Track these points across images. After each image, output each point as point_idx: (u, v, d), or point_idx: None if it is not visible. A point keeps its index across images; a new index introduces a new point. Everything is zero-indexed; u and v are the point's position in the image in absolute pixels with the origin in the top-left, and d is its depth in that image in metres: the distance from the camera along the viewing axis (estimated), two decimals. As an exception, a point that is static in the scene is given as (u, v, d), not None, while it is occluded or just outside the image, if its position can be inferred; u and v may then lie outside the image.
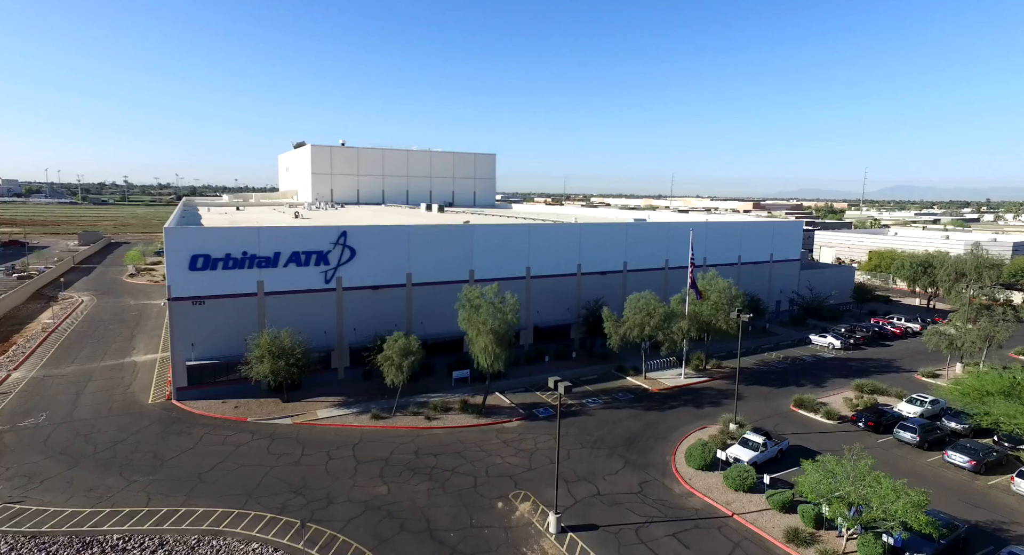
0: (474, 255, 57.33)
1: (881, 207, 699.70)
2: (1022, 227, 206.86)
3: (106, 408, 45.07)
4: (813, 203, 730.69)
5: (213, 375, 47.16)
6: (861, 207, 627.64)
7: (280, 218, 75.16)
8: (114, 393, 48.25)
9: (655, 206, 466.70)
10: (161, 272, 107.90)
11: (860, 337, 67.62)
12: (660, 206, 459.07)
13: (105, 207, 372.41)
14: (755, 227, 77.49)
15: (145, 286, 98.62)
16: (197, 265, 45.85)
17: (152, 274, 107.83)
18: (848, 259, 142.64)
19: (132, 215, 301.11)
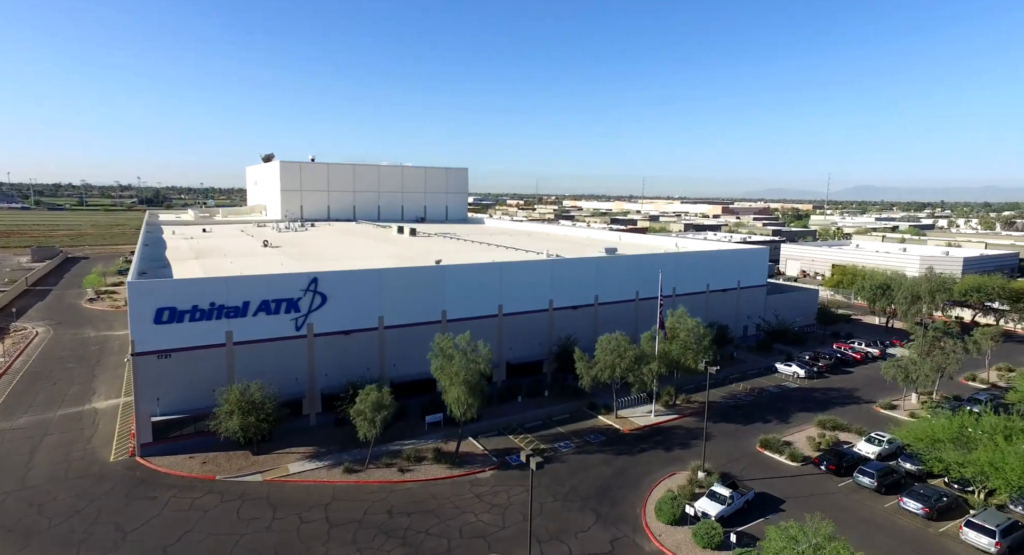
0: (446, 295, 57.35)
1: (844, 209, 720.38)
2: (971, 235, 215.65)
3: (63, 470, 43.46)
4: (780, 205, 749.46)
5: (180, 429, 46.22)
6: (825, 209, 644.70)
7: (249, 245, 73.13)
8: (72, 450, 46.67)
9: (627, 210, 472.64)
10: (123, 295, 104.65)
11: (823, 365, 69.77)
12: (632, 210, 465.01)
13: (61, 213, 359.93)
14: (723, 256, 79.20)
15: (106, 313, 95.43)
16: (163, 318, 44.85)
17: (114, 298, 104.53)
18: (813, 272, 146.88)
19: (91, 222, 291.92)
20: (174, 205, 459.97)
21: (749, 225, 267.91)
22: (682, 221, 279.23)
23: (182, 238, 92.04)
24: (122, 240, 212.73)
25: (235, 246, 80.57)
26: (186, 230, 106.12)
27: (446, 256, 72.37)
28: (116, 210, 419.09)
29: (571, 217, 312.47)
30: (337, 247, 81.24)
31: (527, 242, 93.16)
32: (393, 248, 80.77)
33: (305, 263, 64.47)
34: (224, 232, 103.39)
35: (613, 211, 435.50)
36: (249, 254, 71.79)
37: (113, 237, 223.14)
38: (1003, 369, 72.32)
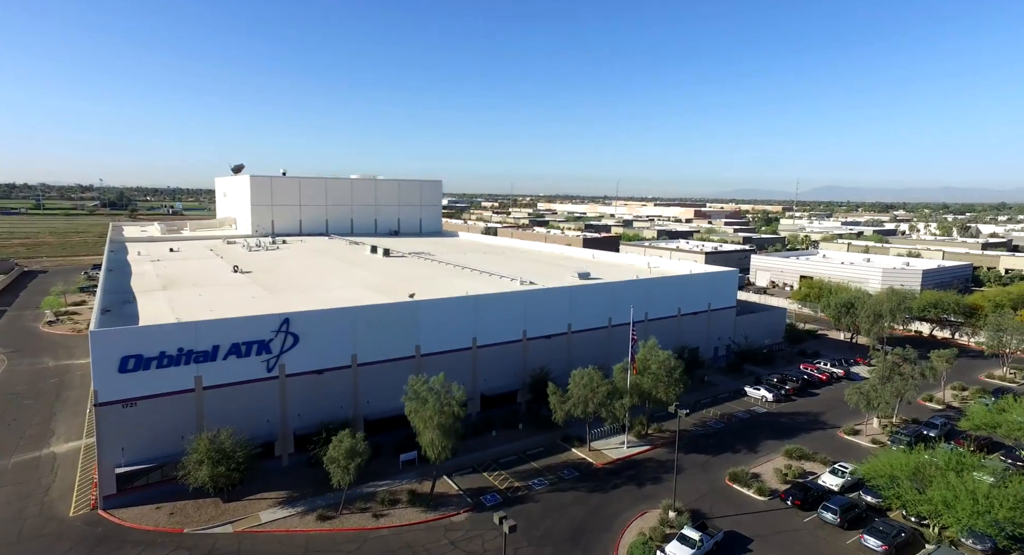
0: (420, 330, 57.23)
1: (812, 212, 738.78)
2: (930, 242, 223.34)
3: (17, 529, 41.51)
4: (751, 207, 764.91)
5: (146, 478, 45.22)
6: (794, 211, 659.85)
7: (218, 271, 70.81)
8: (28, 504, 44.74)
9: (601, 213, 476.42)
10: (86, 317, 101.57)
11: (790, 388, 71.60)
12: (606, 214, 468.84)
13: (17, 217, 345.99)
14: (693, 280, 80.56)
15: (67, 339, 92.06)
16: (128, 366, 43.81)
17: (75, 320, 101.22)
18: (782, 283, 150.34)
19: (49, 228, 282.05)
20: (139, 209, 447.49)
21: (721, 231, 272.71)
22: (655, 227, 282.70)
23: (148, 260, 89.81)
24: (84, 250, 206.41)
25: (204, 271, 78.96)
26: (153, 249, 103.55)
27: (420, 282, 72.30)
28: (77, 214, 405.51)
29: (545, 223, 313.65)
30: (309, 272, 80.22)
31: (500, 263, 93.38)
32: (366, 273, 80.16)
33: (276, 295, 63.64)
34: (192, 252, 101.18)
35: (587, 215, 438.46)
36: (218, 283, 70.46)
37: (74, 247, 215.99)
38: (957, 388, 75.24)
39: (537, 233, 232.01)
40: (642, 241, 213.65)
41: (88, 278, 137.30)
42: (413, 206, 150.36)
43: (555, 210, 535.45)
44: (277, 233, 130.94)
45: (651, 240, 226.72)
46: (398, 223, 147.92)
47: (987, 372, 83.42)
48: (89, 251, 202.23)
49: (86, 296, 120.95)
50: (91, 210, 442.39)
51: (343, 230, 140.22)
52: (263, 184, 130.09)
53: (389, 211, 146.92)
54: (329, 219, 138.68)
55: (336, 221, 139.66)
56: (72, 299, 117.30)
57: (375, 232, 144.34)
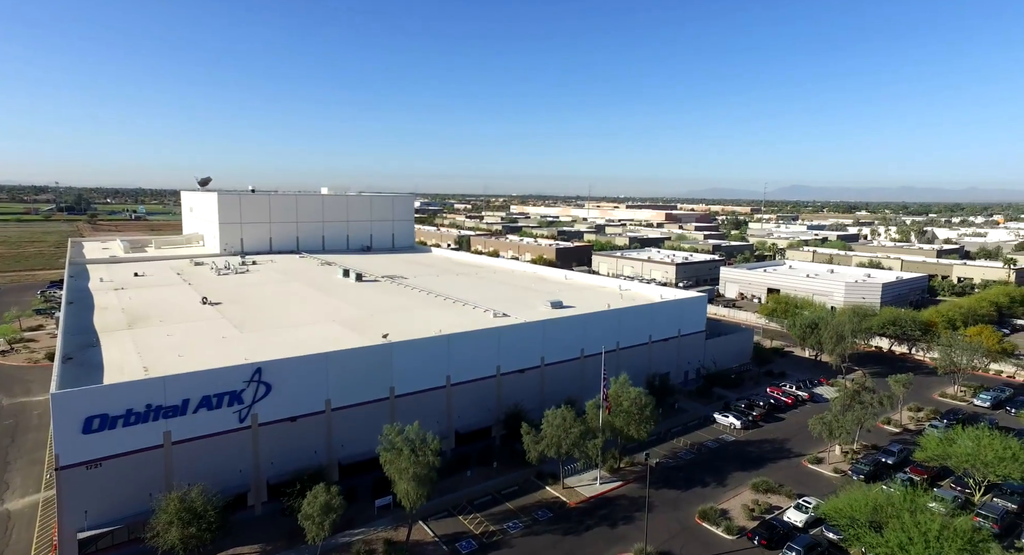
0: (394, 372, 57.24)
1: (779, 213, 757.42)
2: (890, 249, 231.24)
3: (-28, 598, 40.79)
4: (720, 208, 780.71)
5: (111, 539, 44.27)
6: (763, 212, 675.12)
7: (186, 302, 68.51)
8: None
9: (574, 217, 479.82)
10: (44, 346, 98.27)
11: (757, 415, 73.64)
12: (579, 217, 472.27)
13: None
14: (664, 307, 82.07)
15: (21, 370, 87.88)
16: (93, 427, 42.85)
17: (31, 349, 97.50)
18: (751, 295, 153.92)
19: (1, 237, 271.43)
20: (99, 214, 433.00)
21: (691, 239, 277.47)
22: (626, 234, 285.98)
23: (111, 288, 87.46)
24: (39, 263, 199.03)
25: (171, 303, 77.28)
26: (116, 273, 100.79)
27: (392, 314, 72.14)
28: (31, 219, 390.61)
29: (518, 229, 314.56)
30: (279, 303, 79.16)
31: (473, 287, 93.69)
32: (338, 302, 79.56)
33: (247, 334, 62.80)
34: (158, 276, 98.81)
35: (560, 219, 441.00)
36: (186, 318, 69.06)
37: (28, 260, 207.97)
38: (913, 409, 78.38)
39: (511, 242, 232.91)
40: (614, 250, 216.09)
41: (44, 300, 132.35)
42: (385, 221, 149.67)
43: (528, 213, 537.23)
44: (247, 251, 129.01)
45: (623, 249, 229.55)
46: (370, 238, 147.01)
47: (940, 390, 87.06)
48: (45, 265, 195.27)
49: (43, 319, 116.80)
50: (46, 215, 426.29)
51: (314, 246, 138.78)
52: (231, 202, 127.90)
53: (361, 226, 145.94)
54: (300, 236, 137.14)
55: (307, 237, 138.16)
56: (28, 323, 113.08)
57: (347, 248, 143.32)
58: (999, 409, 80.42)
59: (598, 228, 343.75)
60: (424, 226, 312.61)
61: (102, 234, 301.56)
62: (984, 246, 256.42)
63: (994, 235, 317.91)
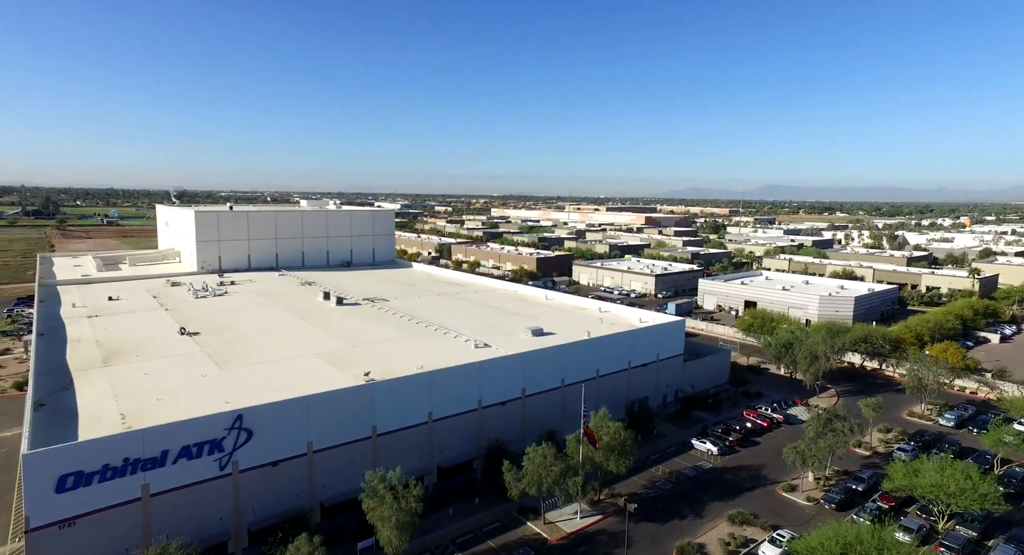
0: (376, 411, 57.46)
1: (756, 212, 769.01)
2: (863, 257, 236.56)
3: None
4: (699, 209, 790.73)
5: (91, 595, 43.83)
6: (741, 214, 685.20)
7: (163, 333, 67.80)
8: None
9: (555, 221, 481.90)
10: (12, 372, 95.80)
11: (733, 440, 75.31)
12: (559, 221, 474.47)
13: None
14: (643, 333, 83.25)
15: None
16: (67, 485, 42.30)
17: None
18: (728, 307, 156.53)
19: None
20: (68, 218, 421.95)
21: (670, 246, 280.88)
22: (606, 241, 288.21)
23: (85, 314, 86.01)
24: (5, 276, 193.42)
25: (147, 334, 76.21)
26: (89, 296, 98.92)
27: (373, 346, 72.19)
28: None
29: (499, 235, 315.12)
30: (259, 332, 78.56)
31: (453, 311, 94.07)
32: (318, 331, 79.31)
33: (227, 371, 62.49)
34: (133, 300, 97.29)
35: (540, 223, 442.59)
36: (164, 353, 68.23)
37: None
38: (883, 430, 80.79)
39: (491, 251, 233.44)
40: (594, 260, 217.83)
41: (11, 321, 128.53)
42: (366, 236, 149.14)
43: (509, 217, 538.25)
44: (225, 269, 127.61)
45: (603, 258, 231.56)
46: (351, 254, 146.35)
47: (908, 409, 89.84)
48: (11, 278, 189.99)
49: (11, 342, 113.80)
50: (12, 220, 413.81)
51: (294, 262, 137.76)
52: (209, 219, 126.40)
53: (341, 242, 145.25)
54: (279, 252, 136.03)
55: (287, 254, 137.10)
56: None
57: (327, 264, 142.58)
58: (962, 428, 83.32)
59: (578, 234, 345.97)
60: (404, 232, 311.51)
61: (72, 241, 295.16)
62: (951, 252, 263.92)
63: (960, 240, 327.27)
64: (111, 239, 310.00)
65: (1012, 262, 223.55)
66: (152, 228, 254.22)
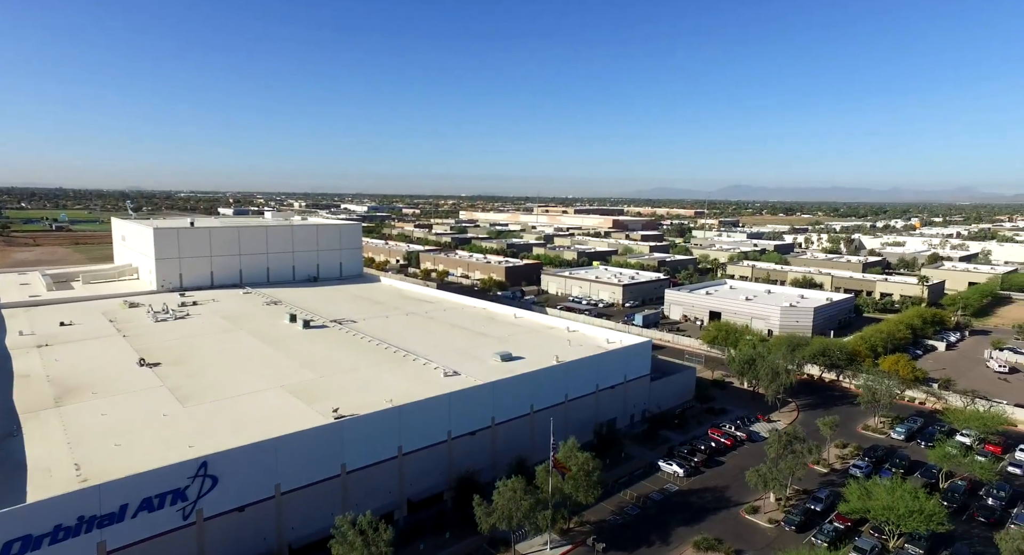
0: (345, 448, 57.03)
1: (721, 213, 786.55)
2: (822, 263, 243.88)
3: None
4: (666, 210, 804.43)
5: None
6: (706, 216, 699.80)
7: (121, 364, 65.42)
8: None
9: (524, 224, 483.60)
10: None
11: (699, 461, 77.18)
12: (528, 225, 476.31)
13: None
14: (610, 356, 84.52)
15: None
16: (13, 552, 40.62)
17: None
18: (694, 317, 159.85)
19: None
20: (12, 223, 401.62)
21: (637, 251, 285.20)
22: (574, 247, 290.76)
23: (34, 343, 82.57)
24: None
25: (103, 366, 73.67)
26: (38, 321, 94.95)
27: (341, 375, 71.55)
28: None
29: (468, 241, 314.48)
30: (223, 362, 76.96)
31: (422, 331, 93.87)
32: (285, 360, 78.07)
33: (190, 409, 61.08)
34: (88, 324, 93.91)
35: (509, 227, 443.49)
36: (122, 389, 66.11)
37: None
38: (839, 445, 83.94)
39: (460, 259, 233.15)
40: (562, 269, 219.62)
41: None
42: (333, 250, 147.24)
43: (477, 220, 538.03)
44: (186, 287, 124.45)
45: (572, 266, 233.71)
46: (317, 269, 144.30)
47: (863, 423, 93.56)
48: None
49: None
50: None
51: (259, 278, 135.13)
52: (168, 236, 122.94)
53: (307, 256, 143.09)
54: (243, 269, 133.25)
55: (251, 270, 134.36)
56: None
57: (293, 279, 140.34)
58: (912, 441, 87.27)
59: (547, 238, 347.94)
60: (372, 239, 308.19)
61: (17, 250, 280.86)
62: (903, 257, 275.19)
63: (911, 244, 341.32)
64: (61, 247, 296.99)
65: (956, 268, 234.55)
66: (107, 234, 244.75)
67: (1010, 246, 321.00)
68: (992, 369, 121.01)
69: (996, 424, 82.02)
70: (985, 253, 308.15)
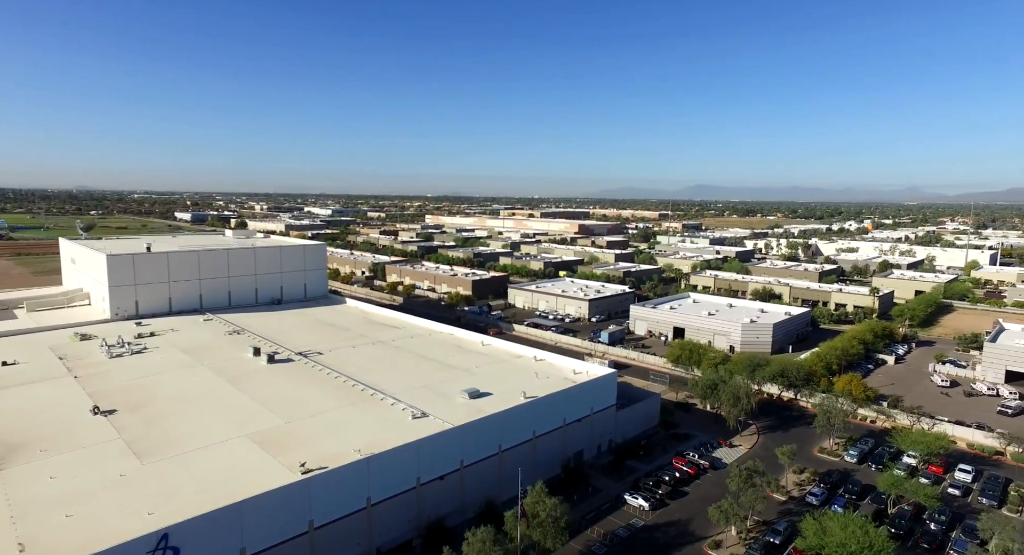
0: (313, 504, 56.45)
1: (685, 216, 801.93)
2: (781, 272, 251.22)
3: None
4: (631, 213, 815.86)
5: None
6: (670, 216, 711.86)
7: (72, 411, 62.50)
8: None
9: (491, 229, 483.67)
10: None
11: (663, 493, 79.03)
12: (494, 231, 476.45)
13: None
14: (576, 390, 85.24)
15: None
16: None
17: None
18: (658, 333, 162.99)
19: None
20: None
21: (603, 260, 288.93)
22: (541, 257, 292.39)
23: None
24: None
25: (52, 414, 70.45)
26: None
27: (308, 420, 70.61)
28: None
29: (434, 250, 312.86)
30: (183, 403, 75.04)
31: (389, 363, 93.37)
32: (250, 402, 76.52)
33: (149, 465, 59.40)
34: (34, 363, 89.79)
35: (476, 233, 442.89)
36: (73, 442, 63.56)
37: None
38: (796, 471, 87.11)
39: (426, 271, 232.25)
40: (529, 282, 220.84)
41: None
42: (297, 271, 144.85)
43: (443, 225, 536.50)
44: (142, 314, 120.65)
45: (538, 278, 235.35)
46: (281, 291, 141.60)
47: (819, 445, 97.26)
48: None
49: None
50: None
51: (220, 302, 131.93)
52: (123, 263, 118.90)
53: (271, 278, 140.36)
54: (204, 293, 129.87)
55: (212, 294, 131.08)
56: None
57: (256, 303, 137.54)
58: (864, 463, 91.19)
59: (513, 246, 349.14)
60: (336, 249, 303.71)
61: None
62: (856, 264, 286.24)
63: (864, 250, 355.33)
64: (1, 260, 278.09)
65: (904, 276, 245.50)
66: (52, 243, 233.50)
67: (952, 251, 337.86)
68: (936, 383, 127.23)
69: (938, 447, 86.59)
70: (930, 259, 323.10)
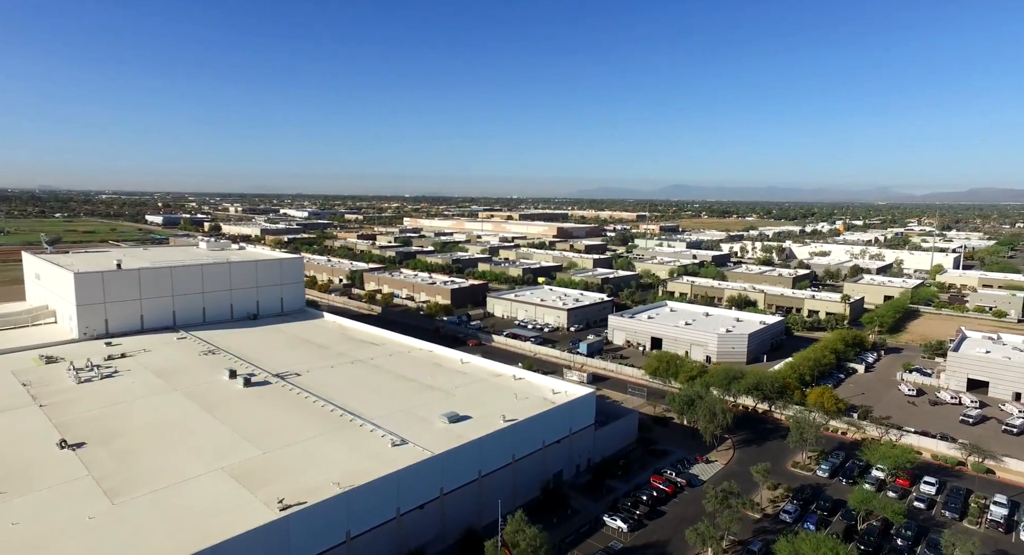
0: (291, 542, 55.90)
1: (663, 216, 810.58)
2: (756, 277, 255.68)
3: None
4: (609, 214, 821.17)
5: None
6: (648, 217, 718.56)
7: (38, 445, 59.71)
8: None
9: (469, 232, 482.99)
10: None
11: (641, 514, 79.93)
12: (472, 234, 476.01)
13: None
14: (556, 411, 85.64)
15: None
16: None
17: None
18: (636, 343, 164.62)
19: None
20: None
21: (581, 266, 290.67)
22: (520, 263, 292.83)
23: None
24: None
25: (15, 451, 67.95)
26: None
27: (286, 449, 69.83)
28: None
29: (413, 255, 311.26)
30: (156, 434, 73.56)
31: (368, 385, 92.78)
32: (225, 429, 75.43)
33: (120, 506, 58.07)
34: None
35: (454, 237, 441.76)
36: (39, 480, 61.70)
37: None
38: (770, 487, 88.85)
39: (405, 279, 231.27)
40: (507, 290, 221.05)
41: None
42: (273, 286, 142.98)
43: (422, 229, 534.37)
44: (112, 333, 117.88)
45: (517, 286, 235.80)
46: (257, 305, 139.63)
47: (792, 459, 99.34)
48: None
49: None
50: None
51: (195, 319, 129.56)
52: (91, 281, 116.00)
53: (246, 293, 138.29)
54: (177, 310, 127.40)
55: (186, 310, 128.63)
56: None
57: (231, 318, 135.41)
58: (835, 477, 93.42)
59: (492, 250, 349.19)
60: (313, 255, 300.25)
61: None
62: (828, 268, 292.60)
63: (835, 253, 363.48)
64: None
65: (874, 281, 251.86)
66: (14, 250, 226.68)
67: (919, 255, 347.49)
68: (903, 393, 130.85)
69: (904, 461, 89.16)
70: (898, 263, 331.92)
